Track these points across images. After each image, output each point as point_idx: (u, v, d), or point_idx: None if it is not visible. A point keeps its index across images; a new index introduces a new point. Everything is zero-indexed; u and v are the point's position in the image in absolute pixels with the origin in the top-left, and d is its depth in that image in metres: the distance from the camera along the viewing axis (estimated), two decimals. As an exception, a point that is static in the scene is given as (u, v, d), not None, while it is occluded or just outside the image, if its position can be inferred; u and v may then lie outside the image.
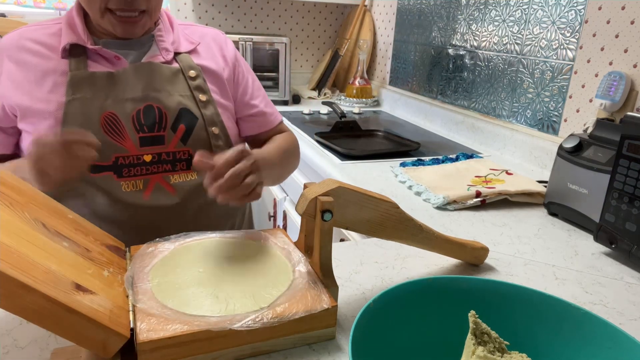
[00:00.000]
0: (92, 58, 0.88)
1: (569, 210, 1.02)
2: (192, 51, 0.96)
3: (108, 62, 0.89)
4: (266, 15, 2.55)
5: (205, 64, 0.96)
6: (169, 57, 0.93)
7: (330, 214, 0.61)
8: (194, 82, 0.92)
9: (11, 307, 0.45)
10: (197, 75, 0.93)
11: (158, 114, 0.88)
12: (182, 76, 0.92)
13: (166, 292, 0.59)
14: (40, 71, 0.86)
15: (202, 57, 0.97)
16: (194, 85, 0.92)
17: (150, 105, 0.88)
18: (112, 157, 0.86)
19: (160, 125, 0.88)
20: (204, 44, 0.99)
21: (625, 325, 0.69)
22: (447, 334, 0.52)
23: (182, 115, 0.90)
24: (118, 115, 0.86)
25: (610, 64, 1.23)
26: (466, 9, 1.76)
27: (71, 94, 0.84)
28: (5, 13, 2.24)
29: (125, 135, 0.86)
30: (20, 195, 0.59)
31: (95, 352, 0.50)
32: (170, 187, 0.90)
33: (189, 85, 0.92)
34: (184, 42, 0.97)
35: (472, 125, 1.72)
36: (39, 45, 0.87)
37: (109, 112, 0.85)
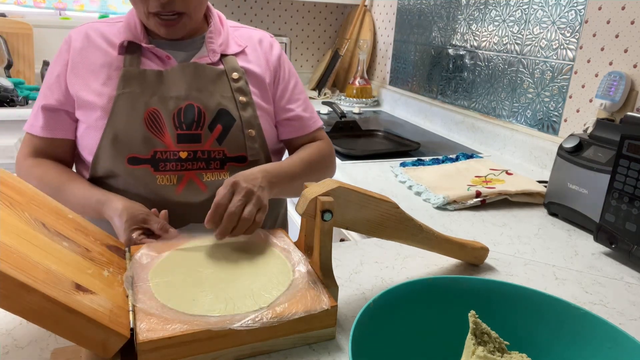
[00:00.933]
0: (146, 56, 0.92)
1: (569, 210, 1.02)
2: (238, 53, 0.98)
3: (160, 61, 0.93)
4: (266, 15, 2.55)
5: (249, 66, 0.98)
6: (215, 58, 0.95)
7: (330, 214, 0.61)
8: (236, 84, 0.94)
9: (11, 307, 0.45)
10: (239, 77, 0.95)
11: (197, 113, 0.91)
12: (226, 77, 0.94)
13: (166, 292, 0.59)
14: (99, 64, 0.91)
15: (247, 60, 0.99)
16: (236, 87, 0.94)
17: (191, 104, 0.90)
18: (151, 151, 0.89)
19: (198, 124, 0.90)
20: (250, 47, 1.01)
21: (625, 325, 0.69)
22: (447, 334, 0.52)
23: (220, 116, 0.92)
24: (160, 111, 0.89)
25: (610, 64, 1.23)
26: (466, 9, 1.75)
27: (122, 88, 0.89)
28: (5, 13, 2.24)
29: (164, 131, 0.89)
30: (20, 195, 0.59)
31: (95, 352, 0.50)
32: (202, 185, 0.92)
33: (231, 87, 0.94)
34: (232, 44, 0.99)
35: (472, 125, 1.72)
36: (101, 40, 0.93)
37: (153, 108, 0.89)
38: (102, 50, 0.92)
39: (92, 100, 0.89)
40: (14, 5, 2.28)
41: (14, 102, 1.92)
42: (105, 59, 0.91)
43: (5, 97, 1.91)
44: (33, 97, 2.04)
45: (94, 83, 0.90)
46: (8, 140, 1.84)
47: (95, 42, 0.93)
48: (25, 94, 2.01)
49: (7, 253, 0.47)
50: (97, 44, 0.93)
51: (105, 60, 0.91)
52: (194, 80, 0.92)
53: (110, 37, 0.93)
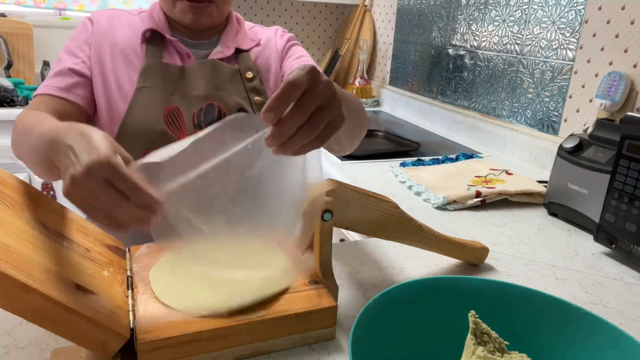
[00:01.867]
0: (167, 50, 0.92)
1: (569, 210, 1.02)
2: (252, 49, 0.98)
3: (180, 57, 0.92)
4: (266, 15, 2.55)
5: (263, 64, 0.97)
6: (230, 52, 0.94)
7: (330, 214, 0.61)
8: (250, 84, 0.94)
9: (11, 307, 0.45)
10: (253, 77, 0.94)
11: (217, 113, 0.90)
12: (240, 77, 0.94)
13: (166, 291, 0.59)
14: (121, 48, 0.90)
15: (262, 57, 0.98)
16: (250, 87, 0.93)
17: (212, 104, 0.90)
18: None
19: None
20: (264, 42, 1.00)
21: (625, 325, 0.69)
22: (447, 334, 0.52)
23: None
24: (181, 110, 0.88)
25: (610, 64, 1.23)
26: (466, 9, 1.75)
27: (142, 81, 0.88)
28: (5, 13, 2.24)
29: (183, 130, 0.88)
30: (20, 195, 0.59)
31: (95, 352, 0.50)
32: None
33: (245, 87, 0.93)
34: (247, 40, 0.98)
35: (472, 125, 1.72)
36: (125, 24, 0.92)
37: (173, 105, 0.88)
38: (126, 35, 0.91)
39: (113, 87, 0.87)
40: (14, 5, 2.28)
41: (14, 102, 1.92)
42: (128, 44, 0.90)
43: (5, 97, 1.91)
44: (33, 97, 2.04)
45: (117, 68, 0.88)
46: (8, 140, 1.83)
47: (118, 25, 0.91)
48: (25, 94, 2.01)
49: (7, 253, 0.47)
50: (121, 28, 0.91)
51: (128, 45, 0.90)
52: (212, 79, 0.91)
53: (134, 24, 0.92)
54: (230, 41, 0.96)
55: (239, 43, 0.96)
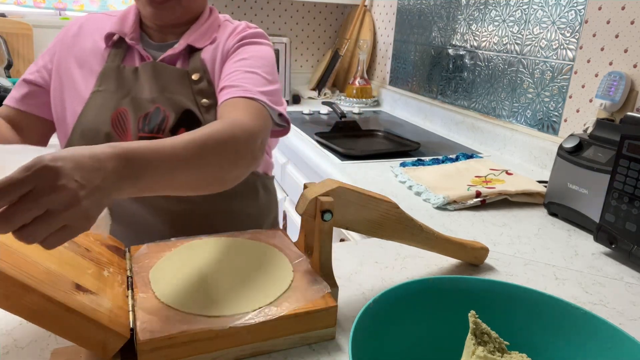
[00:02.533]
0: (131, 53, 0.91)
1: (569, 210, 1.02)
2: (206, 47, 0.92)
3: (140, 61, 0.91)
4: (266, 15, 2.55)
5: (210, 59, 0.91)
6: (179, 49, 0.89)
7: (330, 214, 0.61)
8: (197, 86, 0.89)
9: (11, 307, 0.45)
10: (200, 78, 0.89)
11: (162, 117, 0.87)
12: (187, 79, 0.90)
13: (166, 291, 0.59)
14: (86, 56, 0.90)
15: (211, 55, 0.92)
16: (197, 89, 0.89)
17: (159, 107, 0.87)
18: None
19: (160, 127, 0.87)
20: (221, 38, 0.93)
21: (625, 325, 0.69)
22: (447, 334, 0.52)
23: (185, 118, 0.87)
24: (129, 112, 0.87)
25: (610, 64, 1.23)
26: (466, 9, 1.75)
27: (98, 85, 0.87)
28: (5, 13, 2.24)
29: (128, 133, 0.87)
30: (20, 195, 0.59)
31: (95, 352, 0.50)
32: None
33: (192, 89, 0.89)
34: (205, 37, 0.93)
35: (472, 125, 1.72)
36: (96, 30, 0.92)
37: (122, 108, 0.87)
38: (93, 41, 0.91)
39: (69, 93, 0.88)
40: (14, 5, 2.28)
41: (14, 102, 1.92)
42: (93, 51, 0.90)
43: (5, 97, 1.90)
44: (33, 97, 2.04)
45: (77, 76, 0.89)
46: (8, 140, 1.83)
47: (88, 31, 0.92)
48: (25, 94, 2.01)
49: (7, 253, 0.47)
50: (90, 34, 0.91)
51: (92, 53, 0.90)
52: (157, 81, 0.88)
53: (104, 28, 0.91)
54: (187, 37, 0.91)
55: (194, 40, 0.91)
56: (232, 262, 0.67)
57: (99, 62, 0.89)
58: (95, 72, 0.89)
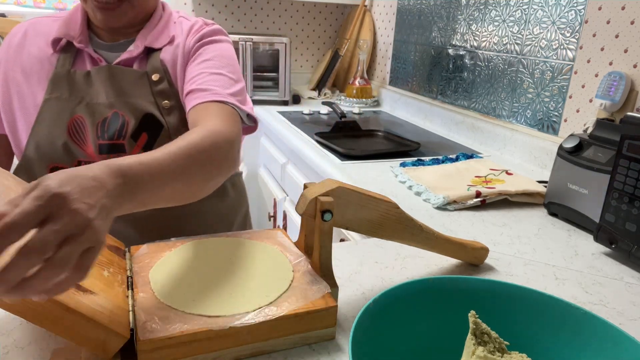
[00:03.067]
0: (80, 57, 0.86)
1: (569, 210, 1.02)
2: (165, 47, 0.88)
3: (91, 63, 0.87)
4: (266, 15, 2.55)
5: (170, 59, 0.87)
6: (137, 52, 0.86)
7: (330, 214, 0.61)
8: (157, 87, 0.86)
9: (11, 307, 0.45)
10: (160, 79, 0.86)
11: (121, 122, 0.84)
12: (147, 80, 0.86)
13: (166, 291, 0.59)
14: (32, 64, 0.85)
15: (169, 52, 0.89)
16: (157, 91, 0.86)
17: (117, 112, 0.84)
18: (75, 161, 0.84)
19: (120, 134, 0.84)
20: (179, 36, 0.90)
21: (625, 325, 0.69)
22: (447, 334, 0.52)
23: (145, 123, 0.84)
24: (85, 120, 0.83)
25: (610, 64, 1.23)
26: (466, 9, 1.76)
27: (49, 93, 0.83)
28: (5, 13, 2.24)
29: (87, 141, 0.84)
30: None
31: (95, 352, 0.50)
32: None
33: (152, 91, 0.86)
34: (163, 36, 0.89)
35: (472, 125, 1.72)
36: (40, 37, 0.87)
37: (78, 115, 0.83)
38: (39, 48, 0.86)
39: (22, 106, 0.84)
40: (14, 5, 2.28)
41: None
42: (39, 59, 0.86)
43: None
44: (33, 97, 2.04)
45: (24, 86, 0.85)
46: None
47: (33, 39, 0.87)
48: (25, 94, 2.01)
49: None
50: (34, 42, 0.87)
51: (38, 60, 0.85)
52: (113, 85, 0.84)
53: (51, 34, 0.87)
54: (141, 39, 0.87)
55: (151, 41, 0.87)
56: (232, 262, 0.67)
57: (47, 68, 0.85)
58: (43, 79, 0.84)
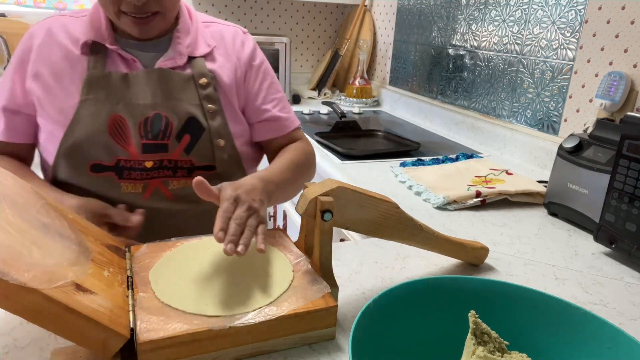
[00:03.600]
0: (111, 57, 0.88)
1: (569, 210, 1.02)
2: (207, 54, 0.93)
3: (125, 63, 0.88)
4: (266, 15, 2.55)
5: (219, 69, 0.93)
6: (182, 61, 0.90)
7: (330, 214, 0.61)
8: (204, 91, 0.89)
9: (11, 307, 0.45)
10: (208, 83, 0.90)
11: (165, 123, 0.87)
12: (193, 84, 0.90)
13: (166, 291, 0.59)
14: (61, 65, 0.86)
15: (217, 61, 0.93)
16: (204, 95, 0.89)
17: (159, 113, 0.86)
18: (115, 160, 0.86)
19: (164, 134, 0.87)
20: (221, 46, 0.95)
21: (625, 325, 0.69)
22: (447, 334, 0.52)
23: (188, 125, 0.88)
24: (126, 119, 0.85)
25: (610, 64, 1.23)
26: (466, 9, 1.76)
27: (85, 94, 0.84)
28: (5, 13, 2.24)
29: (129, 140, 0.86)
30: (20, 197, 0.59)
31: (95, 352, 0.50)
32: (168, 192, 0.89)
33: (199, 94, 0.89)
34: (201, 44, 0.93)
35: (472, 125, 1.72)
36: (65, 36, 0.88)
37: (118, 114, 0.85)
38: (65, 48, 0.87)
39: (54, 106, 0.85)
40: (14, 5, 2.28)
41: (14, 102, 1.92)
42: (67, 59, 0.86)
43: (5, 97, 1.90)
44: (33, 97, 2.04)
45: (56, 87, 0.85)
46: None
47: (57, 38, 0.87)
48: (25, 94, 2.01)
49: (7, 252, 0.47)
50: (59, 41, 0.87)
51: (67, 61, 0.86)
52: (160, 87, 0.87)
53: (74, 33, 0.88)
54: (182, 47, 0.90)
55: (192, 50, 0.91)
56: (232, 261, 0.67)
57: (79, 70, 0.86)
58: (76, 81, 0.85)
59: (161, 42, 0.91)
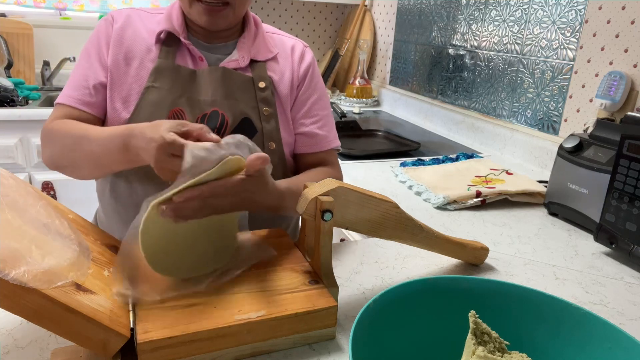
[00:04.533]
0: (181, 52, 0.92)
1: (569, 210, 1.02)
2: (268, 61, 0.96)
3: (192, 60, 0.92)
4: (266, 15, 2.55)
5: (277, 76, 0.96)
6: (245, 63, 0.93)
7: (331, 214, 0.61)
8: (262, 94, 0.92)
9: (11, 307, 0.45)
10: (266, 87, 0.93)
11: (221, 120, 0.89)
12: (252, 86, 0.92)
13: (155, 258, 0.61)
14: (136, 48, 0.90)
15: (276, 69, 0.97)
16: (261, 97, 0.92)
17: (217, 110, 0.89)
18: None
19: (219, 131, 0.89)
20: (282, 55, 0.98)
21: (625, 325, 0.69)
22: (447, 334, 0.52)
23: (243, 125, 0.90)
24: (185, 113, 0.88)
25: (610, 64, 1.23)
26: (466, 9, 1.75)
27: (152, 81, 0.88)
28: (5, 13, 2.24)
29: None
30: (21, 196, 0.59)
31: (96, 352, 0.50)
32: None
33: (257, 96, 0.92)
34: (264, 50, 0.97)
35: (472, 125, 1.72)
36: (142, 24, 0.92)
37: (178, 108, 0.88)
38: (141, 35, 0.91)
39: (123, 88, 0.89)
40: (14, 5, 2.28)
41: (14, 102, 1.92)
42: (142, 46, 0.90)
43: (6, 97, 1.91)
44: (33, 97, 2.04)
45: (127, 69, 0.89)
46: (8, 140, 1.84)
47: (136, 24, 0.92)
48: (25, 94, 2.01)
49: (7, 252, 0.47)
50: (137, 27, 0.92)
51: (141, 47, 0.90)
52: (221, 86, 0.90)
53: (150, 25, 0.92)
54: (246, 50, 0.94)
55: (255, 54, 0.95)
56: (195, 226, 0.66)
57: (150, 57, 0.90)
58: (146, 67, 0.89)
59: (227, 46, 0.95)
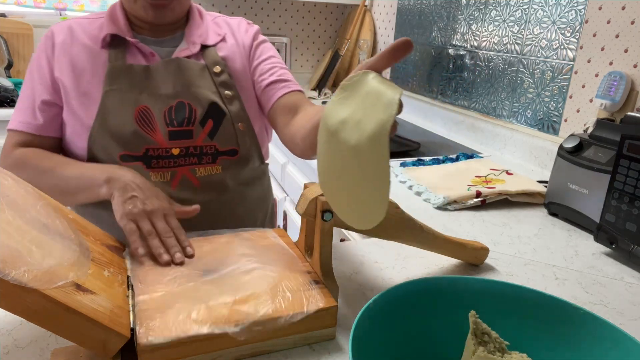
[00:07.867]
0: (130, 51, 0.92)
1: (569, 210, 1.02)
2: (218, 43, 0.98)
3: (143, 57, 0.92)
4: (266, 15, 2.55)
5: (230, 56, 0.97)
6: (196, 49, 0.94)
7: (331, 214, 0.61)
8: (219, 78, 0.94)
9: (11, 307, 0.45)
10: (221, 71, 0.94)
11: (188, 110, 0.90)
12: (208, 72, 0.94)
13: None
14: (83, 60, 0.90)
15: (228, 49, 0.98)
16: (219, 82, 0.94)
17: (182, 101, 0.90)
18: (143, 149, 0.89)
19: (189, 120, 0.91)
20: (229, 34, 1.00)
21: (625, 325, 0.69)
22: (447, 334, 0.52)
23: (211, 111, 0.92)
24: (151, 109, 0.89)
25: (610, 64, 1.23)
26: (466, 9, 1.75)
27: (109, 85, 0.88)
28: (5, 13, 2.24)
29: (156, 129, 0.89)
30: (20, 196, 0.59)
31: (96, 352, 0.50)
32: (195, 180, 0.93)
33: (214, 82, 0.93)
34: (212, 34, 0.98)
35: (472, 125, 1.72)
36: (84, 34, 0.92)
37: (143, 105, 0.89)
38: (86, 45, 0.90)
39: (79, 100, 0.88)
40: (14, 5, 2.28)
41: (14, 102, 1.92)
42: (89, 54, 0.90)
43: (6, 97, 1.91)
44: (33, 97, 2.04)
45: (79, 82, 0.89)
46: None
47: (78, 36, 0.91)
48: (25, 94, 2.00)
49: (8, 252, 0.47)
50: (80, 39, 0.91)
51: (89, 55, 0.90)
52: (179, 77, 0.91)
53: (93, 32, 0.92)
54: (194, 37, 0.95)
55: (204, 39, 0.96)
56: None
57: (100, 62, 0.90)
58: (98, 73, 0.89)
59: (175, 38, 0.96)
